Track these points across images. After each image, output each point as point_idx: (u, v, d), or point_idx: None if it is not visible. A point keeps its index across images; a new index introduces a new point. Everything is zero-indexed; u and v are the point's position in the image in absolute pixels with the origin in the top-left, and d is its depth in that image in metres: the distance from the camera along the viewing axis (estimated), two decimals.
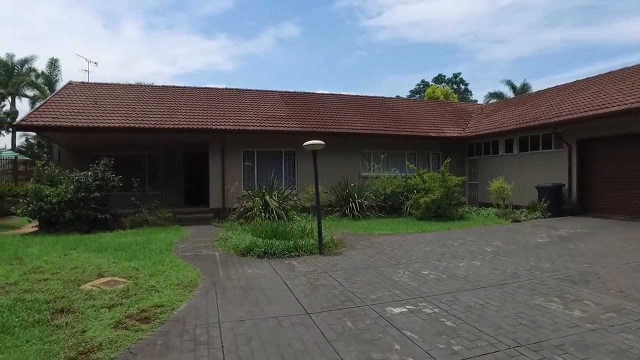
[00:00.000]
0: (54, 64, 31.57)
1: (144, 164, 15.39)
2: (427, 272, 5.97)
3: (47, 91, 29.85)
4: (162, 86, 17.29)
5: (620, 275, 5.62)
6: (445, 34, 76.49)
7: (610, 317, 4.07)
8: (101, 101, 13.76)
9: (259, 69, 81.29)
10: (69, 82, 15.62)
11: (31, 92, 31.21)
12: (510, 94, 33.20)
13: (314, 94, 18.65)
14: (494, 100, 32.33)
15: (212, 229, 11.07)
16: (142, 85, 20.52)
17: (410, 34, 77.53)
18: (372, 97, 19.53)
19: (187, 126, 12.74)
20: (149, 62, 69.97)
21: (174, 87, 17.05)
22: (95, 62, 39.61)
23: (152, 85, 18.79)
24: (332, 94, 18.91)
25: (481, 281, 5.47)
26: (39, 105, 14.15)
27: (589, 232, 9.34)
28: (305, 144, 7.71)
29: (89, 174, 10.86)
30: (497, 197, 13.15)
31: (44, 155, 27.31)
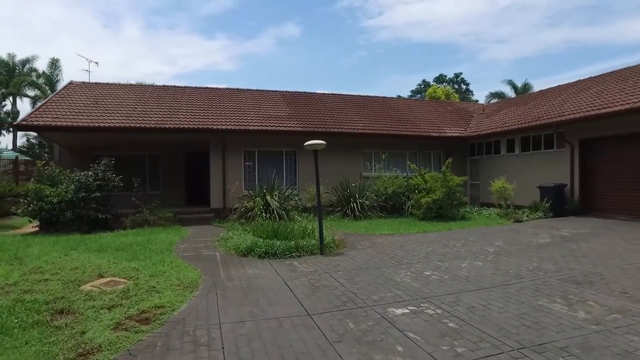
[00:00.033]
0: (54, 64, 31.63)
1: (144, 163, 15.37)
2: (429, 273, 5.93)
3: (48, 91, 29.88)
4: (163, 86, 17.25)
5: (624, 276, 5.58)
6: (446, 34, 76.47)
7: (615, 318, 4.02)
8: (102, 101, 13.75)
9: (260, 69, 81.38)
10: (70, 82, 15.61)
11: (32, 92, 31.26)
12: (511, 94, 33.14)
13: (315, 93, 18.58)
14: (495, 100, 32.26)
15: (213, 229, 11.05)
16: (142, 85, 20.51)
17: (411, 34, 77.52)
18: (373, 97, 19.46)
19: (188, 126, 12.72)
20: (150, 62, 70.06)
21: (175, 87, 17.01)
22: (96, 62, 39.52)
23: (152, 85, 18.77)
24: (333, 94, 18.82)
25: (484, 282, 5.43)
26: (39, 105, 14.13)
27: (591, 232, 9.30)
28: (306, 144, 7.69)
29: (90, 174, 10.86)
30: (498, 197, 13.11)
31: (45, 155, 27.35)
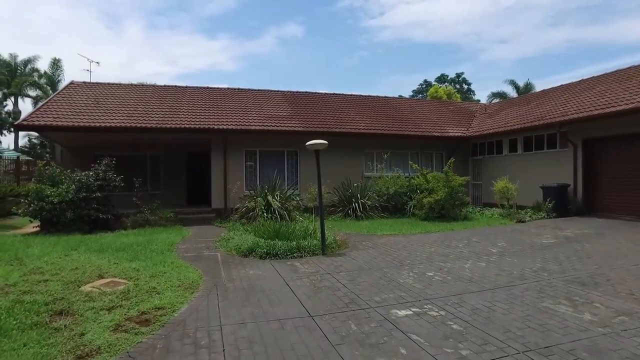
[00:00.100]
0: (56, 64, 31.69)
1: (145, 163, 15.33)
2: (432, 274, 5.87)
3: (50, 91, 29.92)
4: (164, 86, 17.23)
5: (630, 277, 5.50)
6: (447, 33, 76.35)
7: (622, 320, 3.96)
8: (103, 101, 13.73)
9: (261, 69, 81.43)
10: (71, 82, 15.60)
11: (34, 92, 31.34)
12: (513, 94, 33.06)
13: (316, 93, 18.50)
14: (497, 100, 32.17)
15: (214, 229, 11.01)
16: (144, 85, 20.47)
17: (412, 33, 77.41)
18: (375, 96, 19.40)
19: (189, 126, 12.68)
20: (151, 63, 70.17)
21: (176, 86, 16.98)
22: (97, 62, 39.37)
23: (154, 85, 18.73)
24: (334, 94, 18.75)
25: (487, 283, 5.37)
26: (40, 105, 14.12)
27: (595, 232, 9.22)
28: (308, 144, 7.64)
29: (91, 173, 10.83)
30: (501, 197, 13.04)
31: (47, 155, 27.36)
